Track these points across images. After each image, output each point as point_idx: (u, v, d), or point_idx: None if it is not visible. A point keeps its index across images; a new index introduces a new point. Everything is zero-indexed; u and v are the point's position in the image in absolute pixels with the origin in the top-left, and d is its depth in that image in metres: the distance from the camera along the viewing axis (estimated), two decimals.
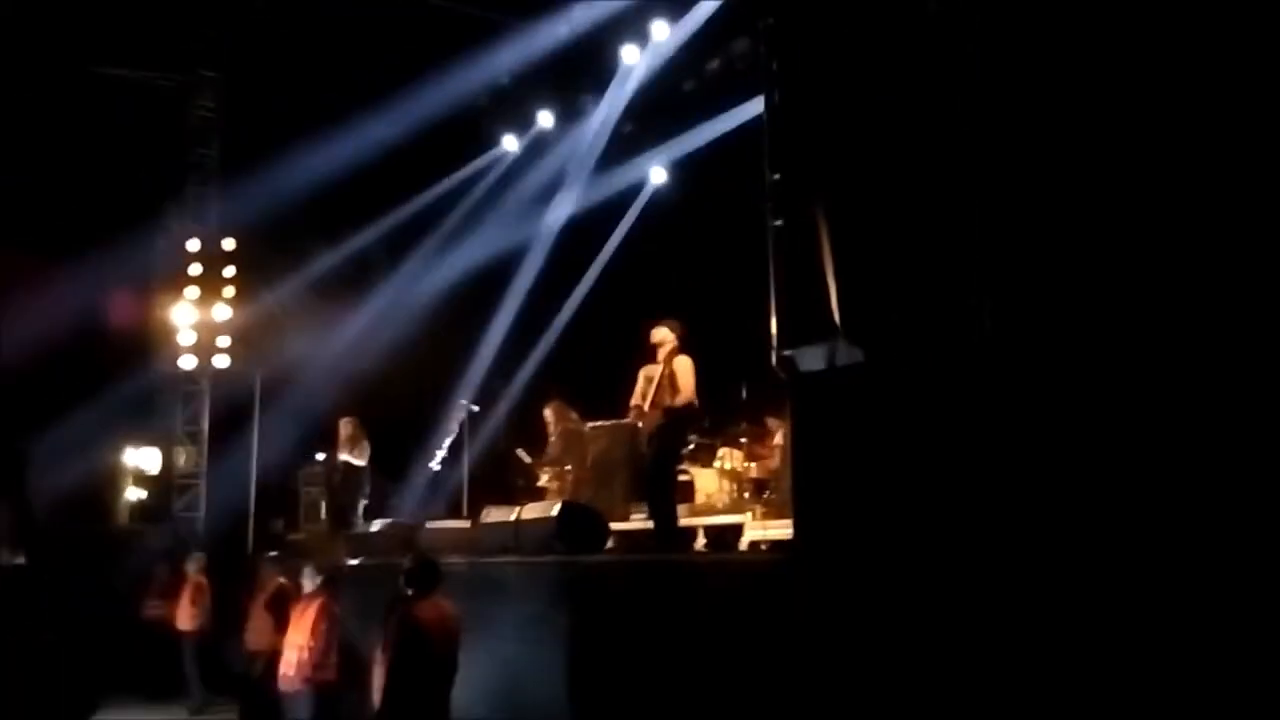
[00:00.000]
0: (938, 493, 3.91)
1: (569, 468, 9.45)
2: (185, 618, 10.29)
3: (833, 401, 4.51)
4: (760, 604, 4.88)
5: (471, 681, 5.91)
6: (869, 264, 4.79)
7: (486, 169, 13.15)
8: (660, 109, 11.56)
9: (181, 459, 13.18)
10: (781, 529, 6.99)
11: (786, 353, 5.05)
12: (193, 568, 10.54)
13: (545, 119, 12.51)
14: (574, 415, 9.73)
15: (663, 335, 7.38)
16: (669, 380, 7.18)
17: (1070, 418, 3.66)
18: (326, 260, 12.67)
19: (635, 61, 11.23)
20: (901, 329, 4.51)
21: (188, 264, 12.91)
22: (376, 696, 5.51)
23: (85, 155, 11.35)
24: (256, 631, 7.81)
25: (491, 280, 13.04)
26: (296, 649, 6.68)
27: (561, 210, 12.67)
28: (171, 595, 10.63)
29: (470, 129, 12.63)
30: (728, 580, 5.58)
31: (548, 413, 9.86)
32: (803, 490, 4.56)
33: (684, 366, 7.24)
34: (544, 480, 9.70)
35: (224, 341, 12.87)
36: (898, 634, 3.95)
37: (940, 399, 4.09)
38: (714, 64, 10.85)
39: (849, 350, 4.68)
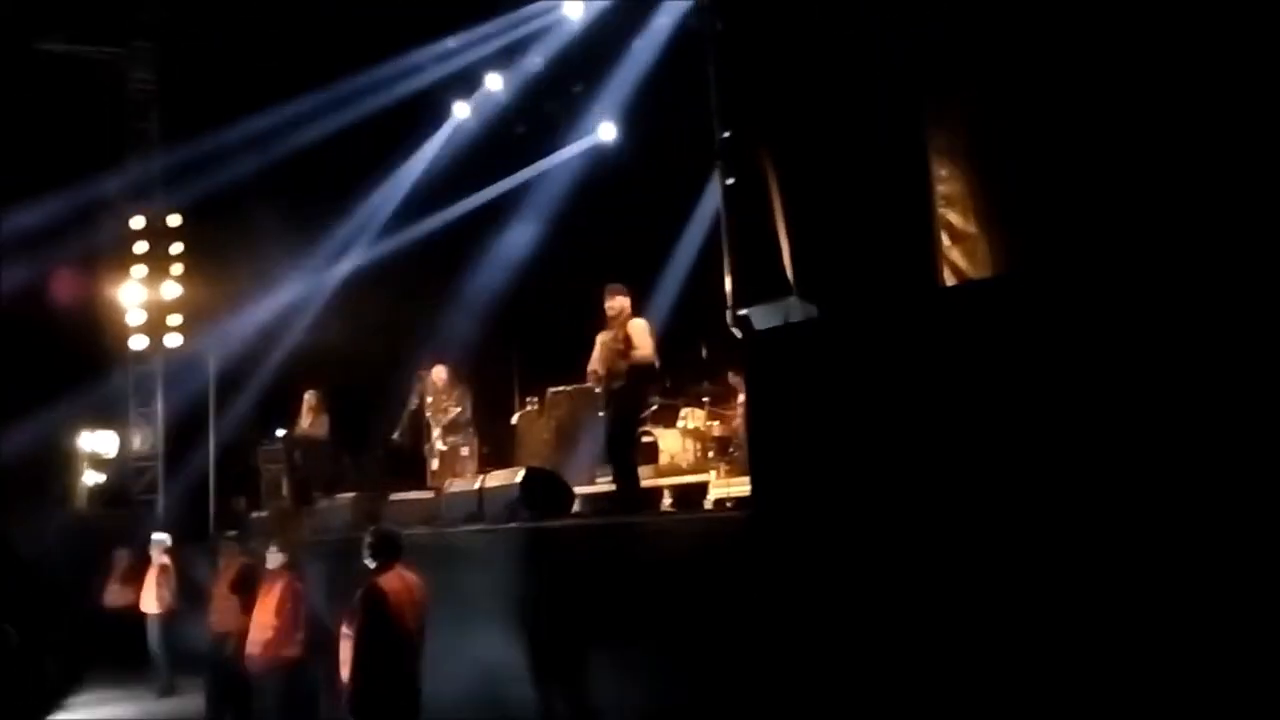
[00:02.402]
0: (892, 446, 3.94)
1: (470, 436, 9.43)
2: (151, 600, 10.20)
3: (787, 358, 4.51)
4: (727, 560, 4.91)
5: (439, 651, 5.92)
6: (821, 220, 4.78)
7: (437, 132, 12.93)
8: (608, 66, 11.40)
9: (137, 441, 12.97)
10: (746, 487, 7.02)
11: (741, 311, 5.05)
12: (158, 550, 10.43)
13: (494, 82, 12.32)
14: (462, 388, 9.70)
15: (619, 304, 7.33)
16: (625, 344, 7.15)
17: (1025, 370, 3.68)
18: (277, 232, 12.43)
19: (577, 17, 11.06)
20: (854, 284, 4.52)
21: (133, 242, 12.62)
22: (344, 670, 5.49)
23: (20, 132, 11.01)
24: (222, 612, 7.74)
25: (447, 246, 12.89)
26: (262, 627, 6.64)
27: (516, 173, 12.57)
28: (135, 579, 10.51)
29: (418, 92, 12.39)
30: (694, 539, 5.61)
31: (442, 372, 9.69)
32: (759, 447, 4.57)
33: (640, 328, 7.22)
34: (440, 444, 9.54)
35: (175, 320, 12.64)
36: (855, 586, 3.99)
37: (894, 353, 4.11)
38: (660, 20, 10.72)
39: (803, 307, 4.69)
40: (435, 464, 9.54)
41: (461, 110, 12.73)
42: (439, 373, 9.71)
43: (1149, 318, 3.39)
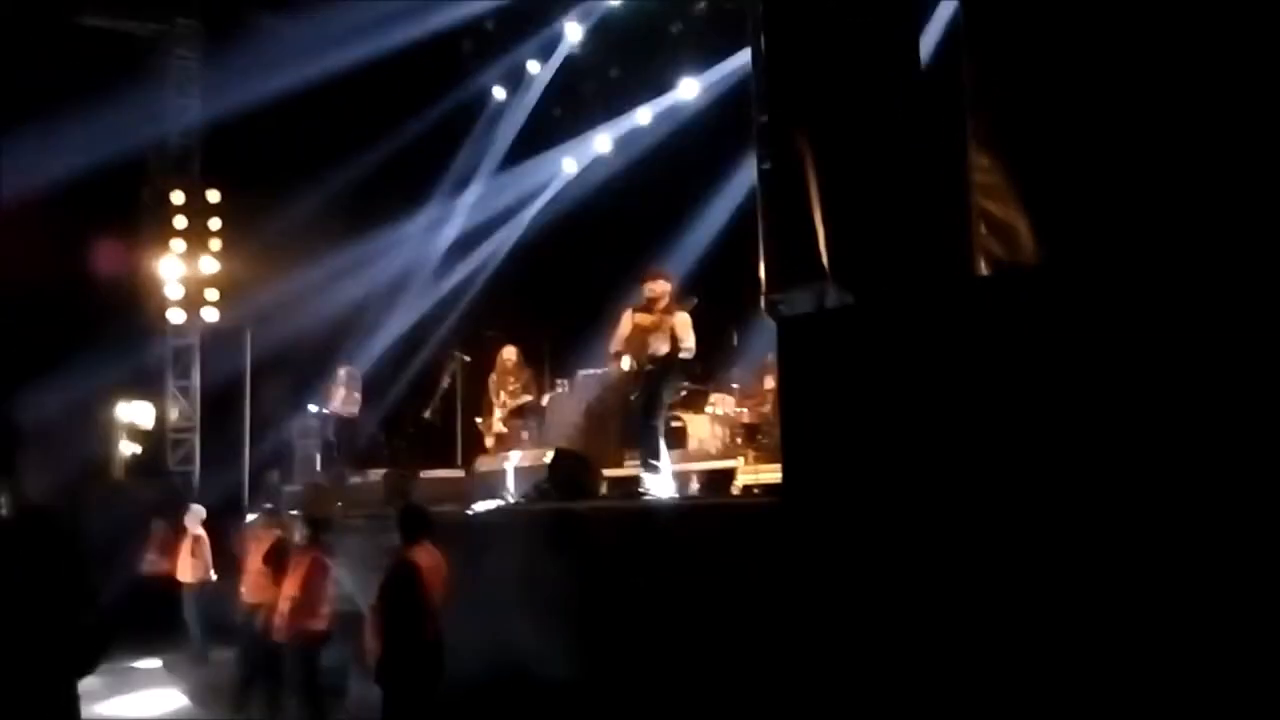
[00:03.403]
0: (925, 435, 3.91)
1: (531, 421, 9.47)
2: (186, 570, 10.39)
3: (820, 344, 4.49)
4: (753, 547, 4.90)
5: (465, 628, 5.98)
6: (858, 206, 4.74)
7: (475, 112, 12.96)
8: (646, 52, 11.36)
9: (174, 413, 13.18)
10: (774, 473, 6.99)
11: (775, 296, 5.03)
12: (192, 521, 10.61)
13: (533, 66, 12.32)
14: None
15: (661, 288, 7.33)
16: (670, 333, 7.14)
17: (1061, 361, 3.64)
18: (315, 209, 12.52)
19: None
20: (890, 271, 4.48)
21: (172, 216, 12.78)
22: (373, 643, 5.57)
23: (62, 107, 11.15)
24: (254, 584, 7.85)
25: (482, 226, 12.95)
26: (289, 600, 6.73)
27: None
28: (170, 549, 10.70)
29: (458, 70, 12.43)
30: (720, 525, 5.61)
31: (512, 353, 9.73)
32: (791, 433, 4.55)
33: (684, 321, 7.20)
34: (500, 426, 9.57)
35: (212, 294, 12.81)
36: (885, 575, 3.97)
37: (929, 341, 4.07)
38: (701, 5, 10.66)
39: (837, 293, 4.65)
40: (491, 442, 9.62)
41: (499, 92, 12.75)
42: (509, 353, 9.79)
43: (1184, 311, 3.33)
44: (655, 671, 5.45)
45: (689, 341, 7.17)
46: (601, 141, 12.50)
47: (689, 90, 11.33)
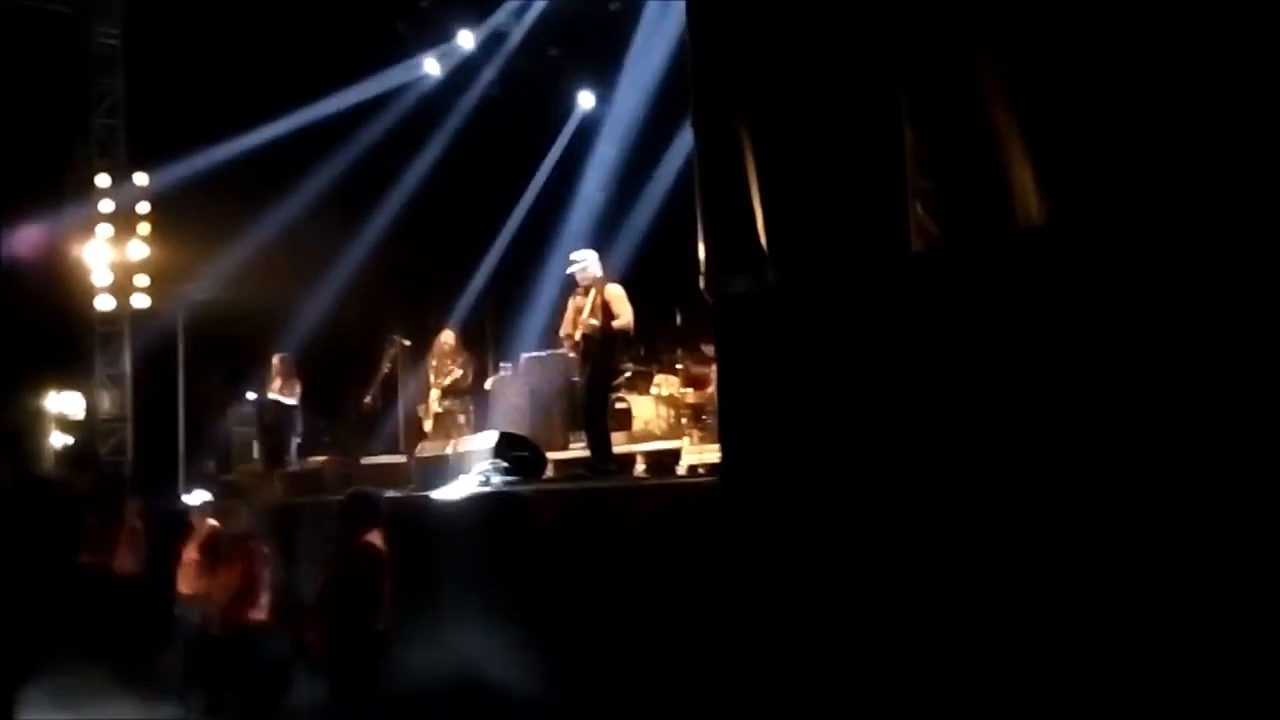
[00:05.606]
0: (861, 413, 3.95)
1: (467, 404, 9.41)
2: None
3: (759, 324, 4.51)
4: (699, 526, 4.92)
5: (409, 614, 5.93)
6: (795, 185, 4.75)
7: (409, 93, 12.72)
8: (586, 31, 11.27)
9: (105, 402, 12.83)
10: (719, 453, 7.05)
11: (714, 276, 5.03)
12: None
13: (466, 39, 12.14)
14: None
15: (588, 266, 7.33)
16: (601, 309, 7.14)
17: (996, 338, 3.70)
18: (249, 191, 12.21)
19: None
20: (827, 250, 4.50)
21: (98, 200, 12.39)
22: (315, 632, 5.49)
23: None
24: (191, 575, 7.72)
25: (422, 209, 12.76)
26: (227, 591, 6.62)
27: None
28: (104, 541, 10.44)
29: (389, 50, 12.19)
30: (666, 504, 5.63)
31: (449, 337, 9.66)
32: (729, 413, 4.58)
33: (617, 293, 7.22)
34: (436, 407, 9.51)
35: (142, 281, 12.45)
36: (825, 554, 4.02)
37: (865, 319, 4.11)
38: None
39: (775, 273, 4.67)
40: (429, 425, 9.53)
41: (431, 66, 12.52)
42: (447, 336, 9.71)
43: (1124, 287, 3.40)
44: (601, 652, 5.47)
45: (624, 314, 7.15)
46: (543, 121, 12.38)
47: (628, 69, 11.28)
